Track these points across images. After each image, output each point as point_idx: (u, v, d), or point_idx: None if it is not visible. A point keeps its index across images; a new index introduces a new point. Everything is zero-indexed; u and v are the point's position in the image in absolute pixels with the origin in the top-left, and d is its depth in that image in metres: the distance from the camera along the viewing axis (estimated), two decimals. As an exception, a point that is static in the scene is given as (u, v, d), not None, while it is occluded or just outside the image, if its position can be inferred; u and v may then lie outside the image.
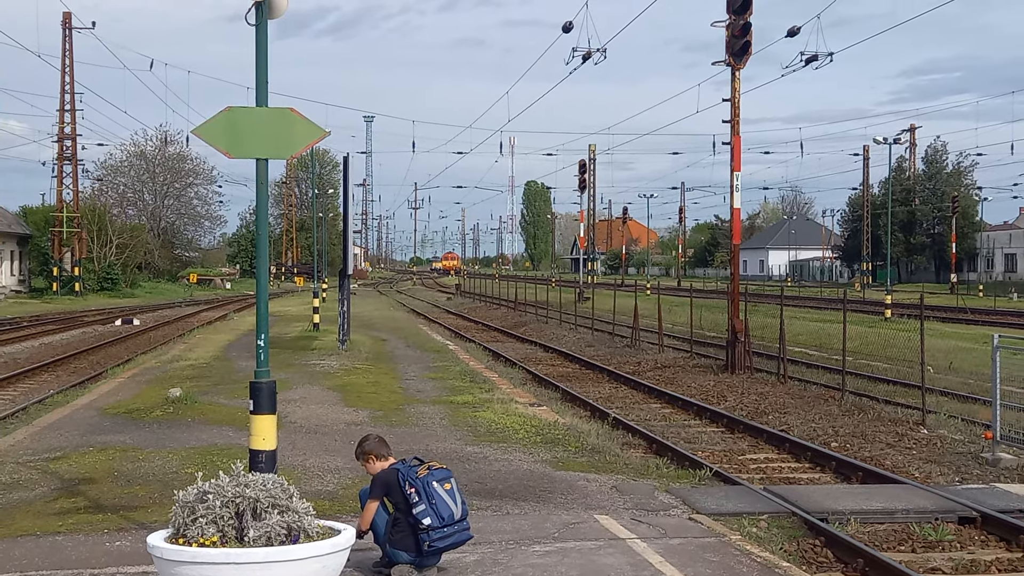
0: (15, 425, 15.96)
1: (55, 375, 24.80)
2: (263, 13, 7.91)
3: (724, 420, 17.15)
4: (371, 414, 15.60)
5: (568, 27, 32.80)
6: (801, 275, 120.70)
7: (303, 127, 8.10)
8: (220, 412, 15.57)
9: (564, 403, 19.22)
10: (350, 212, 28.11)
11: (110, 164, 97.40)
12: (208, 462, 11.37)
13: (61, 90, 66.98)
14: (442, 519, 7.26)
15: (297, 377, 20.20)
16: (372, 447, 7.74)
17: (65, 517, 9.30)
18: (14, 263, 72.22)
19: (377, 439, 7.85)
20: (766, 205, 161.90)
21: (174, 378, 20.07)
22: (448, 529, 7.31)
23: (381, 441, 7.83)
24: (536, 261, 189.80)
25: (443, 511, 7.27)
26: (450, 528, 7.32)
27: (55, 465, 11.77)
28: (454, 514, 7.33)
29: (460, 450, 12.77)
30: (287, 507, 6.07)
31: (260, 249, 8.20)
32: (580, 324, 39.50)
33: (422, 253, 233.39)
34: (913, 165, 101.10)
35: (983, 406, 17.02)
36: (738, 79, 24.01)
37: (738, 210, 25.07)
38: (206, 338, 32.45)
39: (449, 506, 7.31)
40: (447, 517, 7.28)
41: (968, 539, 9.93)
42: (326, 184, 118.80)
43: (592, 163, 67.59)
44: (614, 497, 10.33)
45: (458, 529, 7.38)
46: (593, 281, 67.88)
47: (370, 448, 7.73)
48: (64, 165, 68.59)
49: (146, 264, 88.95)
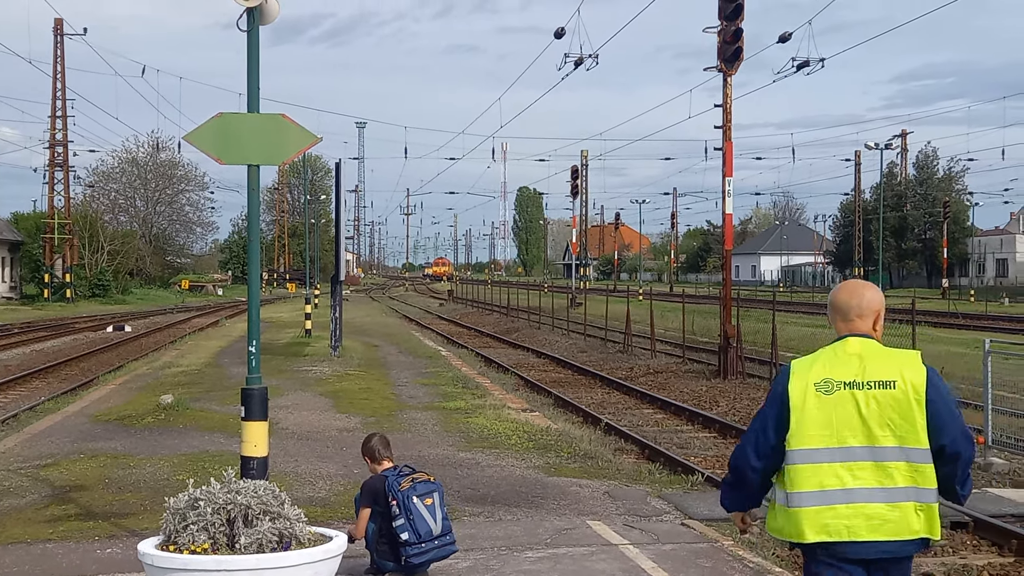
0: (5, 432, 15.90)
1: (46, 382, 24.72)
2: (254, 19, 7.90)
3: (716, 425, 17.16)
4: (363, 420, 15.57)
5: (560, 33, 32.86)
6: (793, 280, 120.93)
7: (295, 133, 8.09)
8: (212, 419, 15.53)
9: (556, 409, 19.20)
10: (342, 218, 28.07)
11: (102, 170, 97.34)
12: (200, 469, 11.34)
13: (52, 96, 66.93)
14: (419, 535, 7.11)
15: (289, 383, 20.16)
16: (370, 447, 7.65)
17: (56, 524, 9.27)
18: (5, 270, 72.06)
19: (379, 439, 7.73)
20: (758, 211, 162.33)
21: (166, 384, 20.03)
22: (426, 545, 7.15)
23: (382, 442, 7.71)
24: (528, 267, 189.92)
25: (420, 527, 7.12)
26: (428, 544, 7.15)
27: (46, 472, 11.72)
28: (432, 530, 7.16)
29: (452, 456, 12.76)
30: (279, 514, 6.05)
31: (252, 255, 8.18)
32: (572, 330, 39.51)
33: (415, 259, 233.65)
34: (904, 170, 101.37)
35: (975, 411, 17.03)
36: (730, 85, 24.07)
37: (730, 215, 25.14)
38: (198, 344, 32.39)
39: (427, 522, 7.15)
40: (424, 534, 7.13)
41: (960, 544, 9.94)
42: (318, 190, 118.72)
43: (584, 169, 67.60)
44: (606, 503, 10.32)
45: (437, 545, 7.21)
46: (585, 287, 67.94)
47: (368, 448, 7.66)
48: (55, 171, 68.50)
49: (138, 270, 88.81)
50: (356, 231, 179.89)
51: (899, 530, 4.23)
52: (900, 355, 4.35)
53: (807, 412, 4.27)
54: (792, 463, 4.30)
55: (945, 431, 4.22)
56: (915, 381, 4.22)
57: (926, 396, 4.21)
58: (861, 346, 4.34)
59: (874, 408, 4.22)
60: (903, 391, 4.21)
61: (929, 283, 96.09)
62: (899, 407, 4.21)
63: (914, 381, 4.22)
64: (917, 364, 4.27)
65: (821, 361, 4.35)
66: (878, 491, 4.22)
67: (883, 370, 4.27)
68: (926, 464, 4.22)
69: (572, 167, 63.02)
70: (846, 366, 4.30)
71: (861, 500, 4.22)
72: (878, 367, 4.27)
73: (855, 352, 4.33)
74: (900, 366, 4.27)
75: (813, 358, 4.40)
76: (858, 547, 4.24)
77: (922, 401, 4.21)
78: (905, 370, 4.25)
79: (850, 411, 4.24)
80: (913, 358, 4.31)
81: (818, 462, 4.26)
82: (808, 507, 4.26)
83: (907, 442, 4.21)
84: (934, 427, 4.21)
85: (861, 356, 4.31)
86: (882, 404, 4.22)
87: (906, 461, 4.22)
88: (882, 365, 4.28)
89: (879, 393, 4.23)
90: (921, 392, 4.21)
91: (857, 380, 4.26)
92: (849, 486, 4.23)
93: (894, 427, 4.21)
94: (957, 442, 4.24)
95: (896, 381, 4.23)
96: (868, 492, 4.23)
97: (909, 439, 4.21)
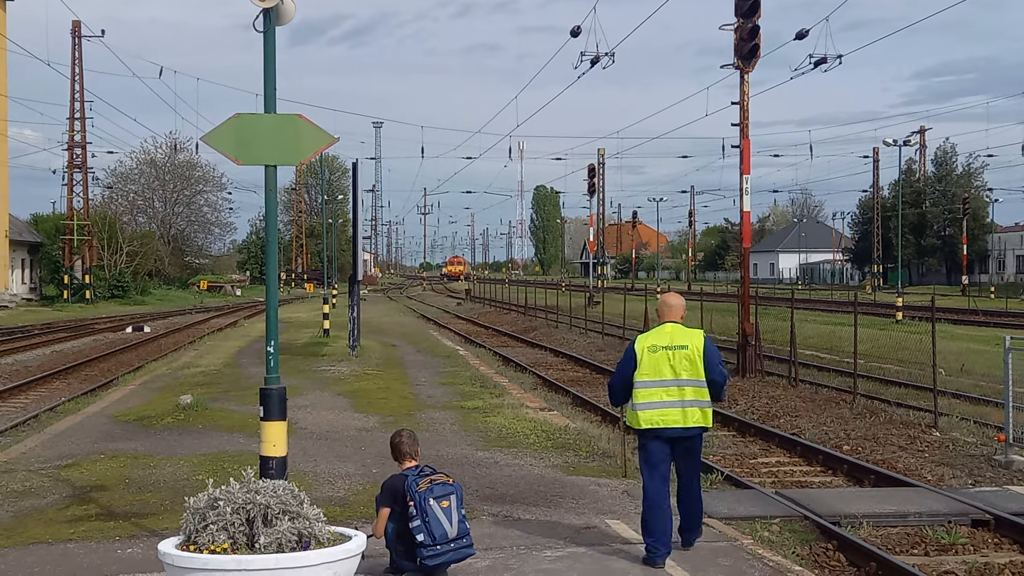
0: (27, 433, 16.01)
1: (66, 382, 24.86)
2: (271, 20, 7.91)
3: (735, 424, 17.11)
4: (382, 420, 15.59)
5: (576, 31, 32.77)
6: (812, 278, 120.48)
7: (311, 133, 8.10)
8: (231, 419, 15.59)
9: (575, 408, 19.19)
10: (359, 218, 28.14)
11: (120, 172, 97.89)
12: (219, 469, 11.38)
13: (71, 98, 67.24)
14: (434, 537, 7.09)
15: (307, 383, 20.21)
16: (396, 444, 7.60)
17: (77, 525, 9.32)
18: (25, 271, 72.45)
19: (408, 436, 7.66)
20: (776, 208, 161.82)
21: (185, 385, 20.11)
22: (441, 548, 7.12)
23: (410, 439, 7.64)
24: (546, 266, 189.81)
25: (435, 529, 7.10)
26: (443, 547, 7.13)
27: (67, 472, 11.79)
28: (447, 533, 7.14)
29: (471, 455, 12.77)
30: (298, 513, 6.06)
31: (270, 255, 8.21)
32: (590, 328, 39.48)
33: (432, 258, 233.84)
34: (923, 167, 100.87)
35: (995, 408, 16.95)
36: (747, 82, 23.97)
37: (748, 213, 25.04)
38: (216, 345, 32.51)
39: (443, 524, 7.13)
40: (439, 536, 7.10)
41: (981, 542, 9.88)
42: (335, 190, 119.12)
43: (601, 167, 67.51)
44: (625, 502, 10.31)
45: (453, 548, 7.18)
46: (603, 285, 67.83)
47: (395, 445, 7.60)
48: (74, 173, 68.82)
49: (156, 271, 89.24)
50: (373, 231, 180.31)
51: (686, 422, 8.04)
52: (691, 332, 8.15)
53: (643, 361, 8.07)
54: (636, 388, 8.09)
55: (710, 370, 8.04)
56: (697, 345, 8.05)
57: (703, 353, 8.03)
58: (672, 328, 8.16)
59: (677, 359, 8.00)
60: (692, 350, 8.03)
61: (949, 280, 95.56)
62: (689, 358, 8.01)
63: (697, 345, 8.05)
64: (699, 336, 8.09)
65: (651, 335, 8.18)
66: (676, 402, 8.02)
67: (681, 339, 8.08)
68: (703, 388, 8.04)
69: (589, 165, 62.93)
70: (662, 338, 8.11)
71: (667, 407, 8.03)
72: (679, 338, 8.08)
73: (668, 331, 8.15)
74: (691, 337, 8.09)
75: (648, 334, 8.22)
76: (665, 431, 8.06)
77: (700, 355, 8.02)
78: (693, 339, 8.08)
79: (664, 361, 8.02)
80: (698, 334, 8.11)
81: (648, 388, 8.05)
82: (642, 411, 8.06)
83: (694, 376, 8.00)
84: (707, 368, 8.03)
85: (671, 333, 8.13)
86: (679, 357, 8.01)
87: (693, 387, 8.01)
88: (681, 337, 8.09)
89: (679, 352, 8.02)
90: (700, 350, 8.04)
91: (668, 345, 8.06)
92: (663, 399, 8.02)
93: (687, 369, 8.00)
94: (715, 376, 8.05)
95: (688, 345, 8.05)
96: (671, 403, 8.02)
97: (695, 375, 8.01)
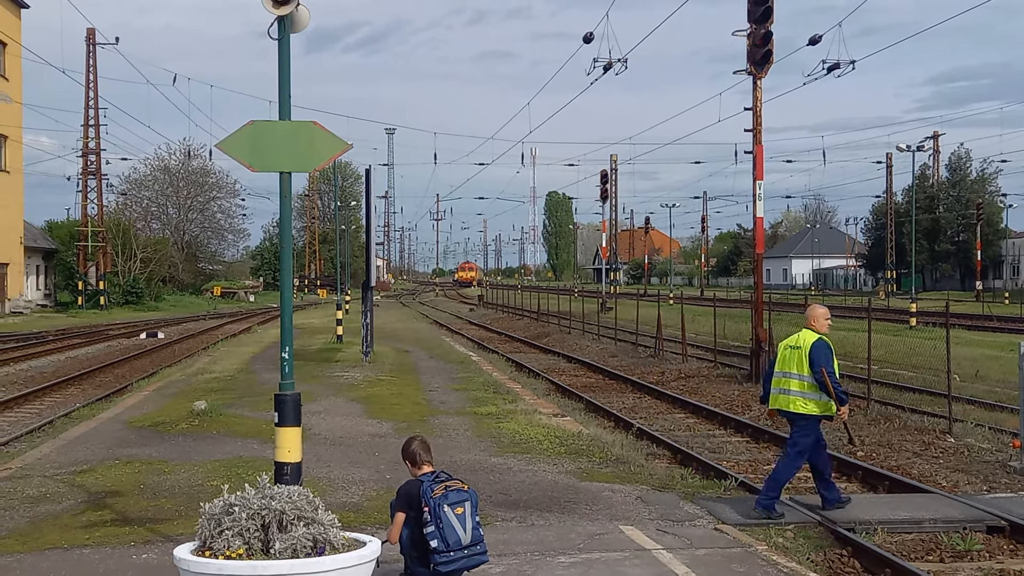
0: (42, 439, 16.07)
1: (81, 388, 24.94)
2: (285, 27, 7.95)
3: (749, 430, 17.07)
4: (395, 426, 15.61)
5: (589, 38, 32.73)
6: (825, 284, 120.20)
7: (325, 140, 8.13)
8: (245, 424, 15.63)
9: (588, 413, 19.18)
10: (372, 224, 28.20)
11: (134, 178, 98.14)
12: (233, 474, 11.41)
13: (85, 105, 67.51)
14: (447, 544, 7.05)
15: (321, 389, 20.24)
16: (410, 451, 7.52)
17: (92, 530, 9.35)
18: (40, 277, 72.73)
19: (420, 443, 7.59)
20: (789, 214, 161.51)
21: (199, 391, 20.16)
22: (454, 554, 7.08)
23: (422, 446, 7.58)
24: (558, 271, 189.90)
25: (449, 536, 7.06)
26: (456, 553, 7.09)
27: (82, 478, 11.83)
28: (461, 540, 7.09)
29: (484, 461, 12.77)
30: (313, 519, 6.07)
31: (284, 262, 8.24)
32: (603, 334, 39.45)
33: (444, 264, 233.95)
34: (937, 172, 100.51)
35: (1011, 414, 16.87)
36: (760, 88, 23.96)
37: (761, 219, 25.01)
38: (230, 351, 32.59)
39: (457, 531, 7.09)
40: (453, 543, 7.06)
41: (997, 548, 9.84)
42: (348, 196, 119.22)
43: (614, 173, 67.45)
44: (639, 508, 10.31)
45: (467, 555, 7.14)
46: (616, 291, 67.80)
47: (409, 452, 7.53)
48: (88, 180, 69.11)
49: (170, 277, 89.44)
50: (386, 237, 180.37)
51: (791, 407, 10.17)
52: (807, 334, 10.21)
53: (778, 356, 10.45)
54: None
55: (814, 367, 9.96)
56: (806, 346, 10.08)
57: (809, 352, 10.02)
58: (801, 331, 10.36)
59: (789, 356, 10.25)
60: (802, 349, 10.11)
61: (962, 286, 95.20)
62: (798, 356, 10.13)
63: (806, 346, 10.09)
64: (812, 338, 10.11)
65: (787, 339, 10.48)
66: (784, 390, 10.25)
67: (799, 341, 10.23)
68: (806, 381, 10.05)
69: (601, 171, 62.86)
70: (791, 340, 10.40)
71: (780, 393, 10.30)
72: (798, 340, 10.25)
73: (797, 334, 10.37)
74: (805, 339, 10.17)
75: (788, 339, 10.48)
76: (781, 413, 10.39)
77: (807, 354, 10.03)
78: (805, 340, 10.15)
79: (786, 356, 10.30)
80: (812, 336, 10.14)
81: (775, 377, 10.40)
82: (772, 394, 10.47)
83: (801, 370, 10.08)
84: (810, 365, 10.00)
85: (799, 336, 10.32)
86: (793, 353, 10.20)
87: (798, 380, 10.11)
88: (799, 339, 10.24)
89: (794, 351, 10.21)
90: (807, 351, 10.04)
91: (790, 344, 10.32)
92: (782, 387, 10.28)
93: (797, 364, 10.13)
94: (816, 373, 9.94)
95: (801, 346, 10.15)
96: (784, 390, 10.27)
97: (803, 369, 10.07)
